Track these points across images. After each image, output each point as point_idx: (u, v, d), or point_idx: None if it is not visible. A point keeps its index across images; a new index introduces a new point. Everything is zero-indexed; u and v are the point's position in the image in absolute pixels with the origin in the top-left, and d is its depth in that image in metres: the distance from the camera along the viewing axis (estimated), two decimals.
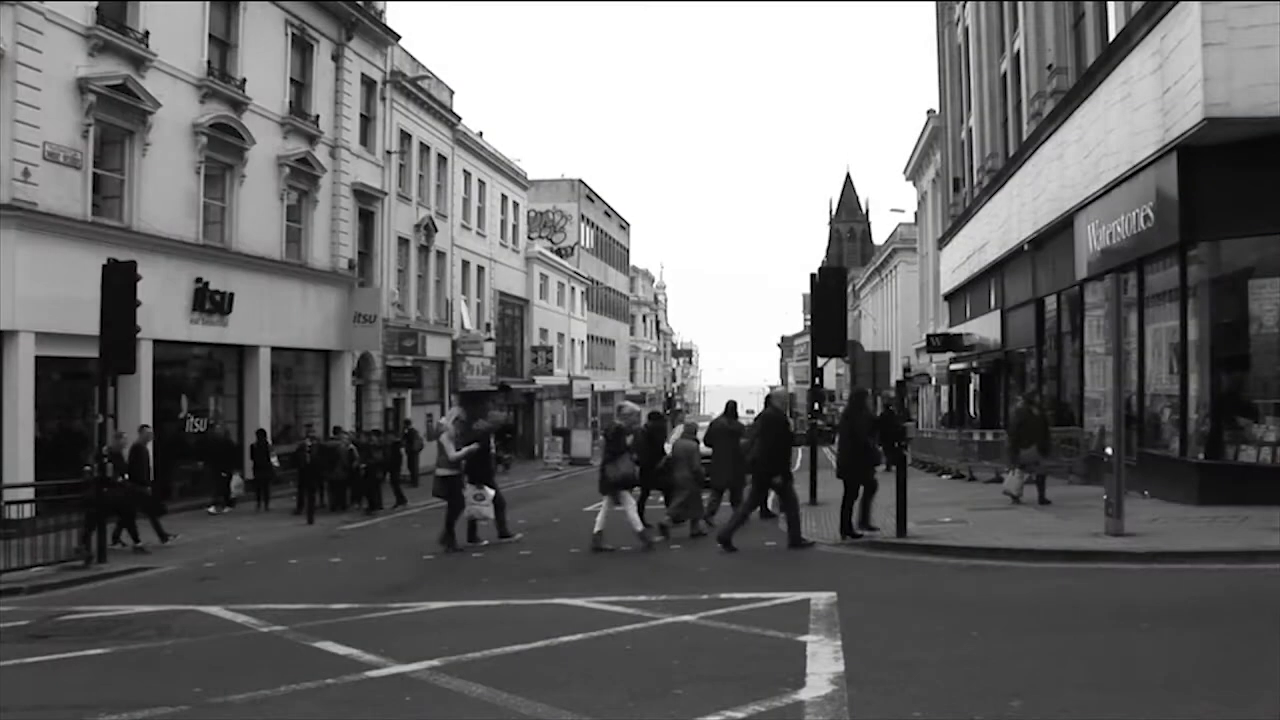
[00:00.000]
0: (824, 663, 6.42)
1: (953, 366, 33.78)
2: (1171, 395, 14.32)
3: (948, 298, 33.71)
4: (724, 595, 9.09)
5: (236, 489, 20.70)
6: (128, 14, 19.27)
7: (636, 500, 13.57)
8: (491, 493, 14.20)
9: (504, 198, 44.20)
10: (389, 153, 30.71)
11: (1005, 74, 25.69)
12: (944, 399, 37.70)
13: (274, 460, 21.41)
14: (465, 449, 14.10)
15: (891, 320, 56.16)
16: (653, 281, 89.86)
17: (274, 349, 24.25)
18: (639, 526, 12.89)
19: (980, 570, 10.30)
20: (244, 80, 22.64)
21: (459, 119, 37.16)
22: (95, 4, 18.32)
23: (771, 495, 14.40)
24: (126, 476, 15.00)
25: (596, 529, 13.01)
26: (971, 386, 31.99)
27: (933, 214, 41.32)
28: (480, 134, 40.88)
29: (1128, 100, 14.99)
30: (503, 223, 44.06)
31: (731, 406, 15.87)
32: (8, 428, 16.56)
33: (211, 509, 20.31)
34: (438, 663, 6.87)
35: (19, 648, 8.38)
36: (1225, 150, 12.93)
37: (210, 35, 21.79)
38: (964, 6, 30.52)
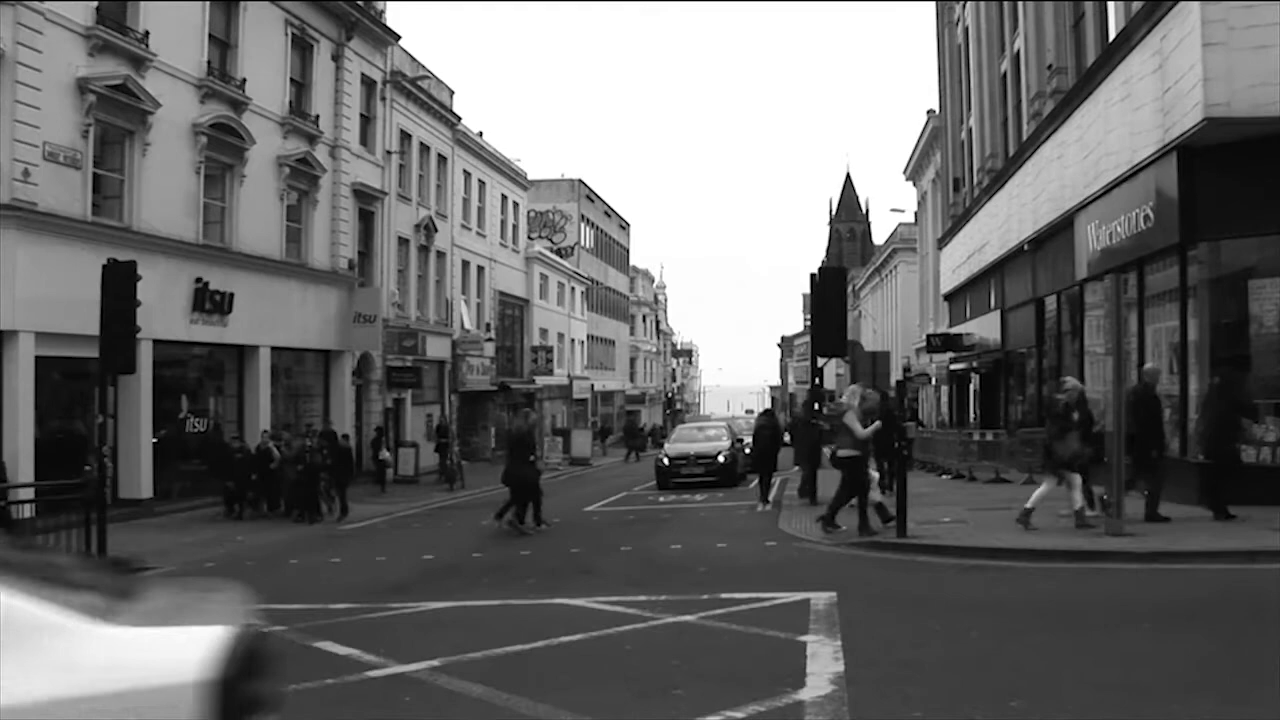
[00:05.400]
0: (824, 663, 6.42)
1: (953, 366, 33.75)
2: (1171, 395, 14.31)
3: (948, 298, 33.70)
4: (724, 595, 9.09)
5: None
6: (128, 14, 19.25)
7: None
8: (875, 475, 13.68)
9: (504, 198, 44.18)
10: (389, 153, 30.69)
11: (1005, 74, 25.68)
12: (944, 399, 37.67)
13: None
14: (871, 426, 13.04)
15: (891, 320, 56.06)
16: (653, 281, 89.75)
17: (274, 349, 24.23)
18: (1079, 504, 11.94)
19: (980, 570, 10.30)
20: (244, 80, 22.63)
21: (459, 119, 37.14)
22: (95, 4, 18.30)
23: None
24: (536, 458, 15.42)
25: (1030, 505, 12.09)
26: (971, 387, 31.97)
27: (933, 214, 41.29)
28: (480, 134, 40.86)
29: (1128, 100, 14.99)
30: (503, 223, 44.04)
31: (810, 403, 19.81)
32: (8, 428, 16.56)
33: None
34: (438, 663, 6.87)
35: None
36: (1225, 150, 12.93)
37: (210, 35, 21.77)
38: (964, 6, 30.51)
